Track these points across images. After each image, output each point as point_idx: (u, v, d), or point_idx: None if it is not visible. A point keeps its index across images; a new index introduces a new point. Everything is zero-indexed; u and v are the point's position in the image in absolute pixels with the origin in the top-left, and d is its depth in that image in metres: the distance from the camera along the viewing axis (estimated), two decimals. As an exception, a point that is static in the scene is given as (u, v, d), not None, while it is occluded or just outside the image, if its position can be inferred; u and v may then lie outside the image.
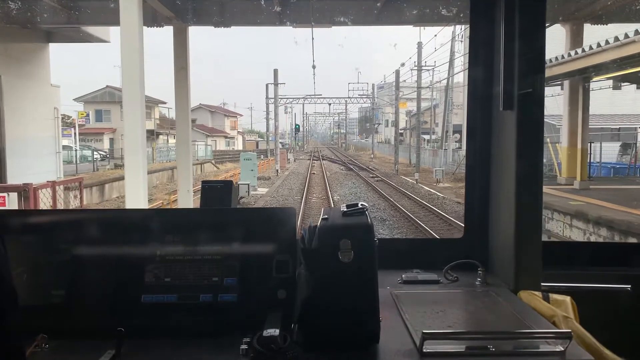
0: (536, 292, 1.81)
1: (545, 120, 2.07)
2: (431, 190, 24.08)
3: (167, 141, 47.83)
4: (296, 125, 55.76)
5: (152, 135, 47.80)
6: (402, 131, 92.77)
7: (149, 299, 1.55)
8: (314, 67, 36.66)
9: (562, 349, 1.37)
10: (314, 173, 35.01)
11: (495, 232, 2.14)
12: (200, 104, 68.15)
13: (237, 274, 1.58)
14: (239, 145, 69.96)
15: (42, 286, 1.57)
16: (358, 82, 74.40)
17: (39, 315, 1.48)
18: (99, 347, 1.37)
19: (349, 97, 56.68)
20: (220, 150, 57.95)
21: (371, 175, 32.63)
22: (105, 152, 41.39)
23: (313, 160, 52.60)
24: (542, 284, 1.91)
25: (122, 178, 24.71)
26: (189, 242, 1.62)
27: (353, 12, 10.84)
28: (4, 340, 0.93)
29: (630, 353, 1.57)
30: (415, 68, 35.39)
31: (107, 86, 47.76)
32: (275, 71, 35.17)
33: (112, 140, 46.78)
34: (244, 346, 1.37)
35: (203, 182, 2.00)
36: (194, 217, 1.80)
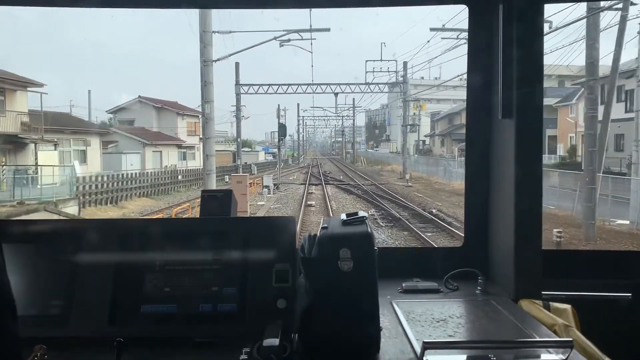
0: (537, 301, 1.84)
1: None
2: None
3: (36, 154, 26.08)
4: (281, 124, 34.05)
5: (8, 144, 25.97)
6: (425, 139, 72.71)
7: (149, 309, 1.56)
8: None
9: (564, 358, 1.37)
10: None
11: (496, 240, 2.17)
12: (139, 96, 44.02)
13: (236, 284, 1.59)
14: (200, 158, 47.62)
15: (41, 296, 1.58)
16: (381, 60, 44.23)
17: (38, 325, 1.50)
18: (98, 358, 1.38)
19: (366, 83, 35.54)
20: (176, 168, 36.25)
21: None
22: None
23: (310, 184, 31.20)
24: (543, 292, 1.92)
25: None
26: (189, 251, 1.63)
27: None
28: (2, 350, 0.92)
29: None
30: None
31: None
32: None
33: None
34: (243, 356, 1.36)
35: (203, 191, 1.95)
36: (194, 226, 1.83)
